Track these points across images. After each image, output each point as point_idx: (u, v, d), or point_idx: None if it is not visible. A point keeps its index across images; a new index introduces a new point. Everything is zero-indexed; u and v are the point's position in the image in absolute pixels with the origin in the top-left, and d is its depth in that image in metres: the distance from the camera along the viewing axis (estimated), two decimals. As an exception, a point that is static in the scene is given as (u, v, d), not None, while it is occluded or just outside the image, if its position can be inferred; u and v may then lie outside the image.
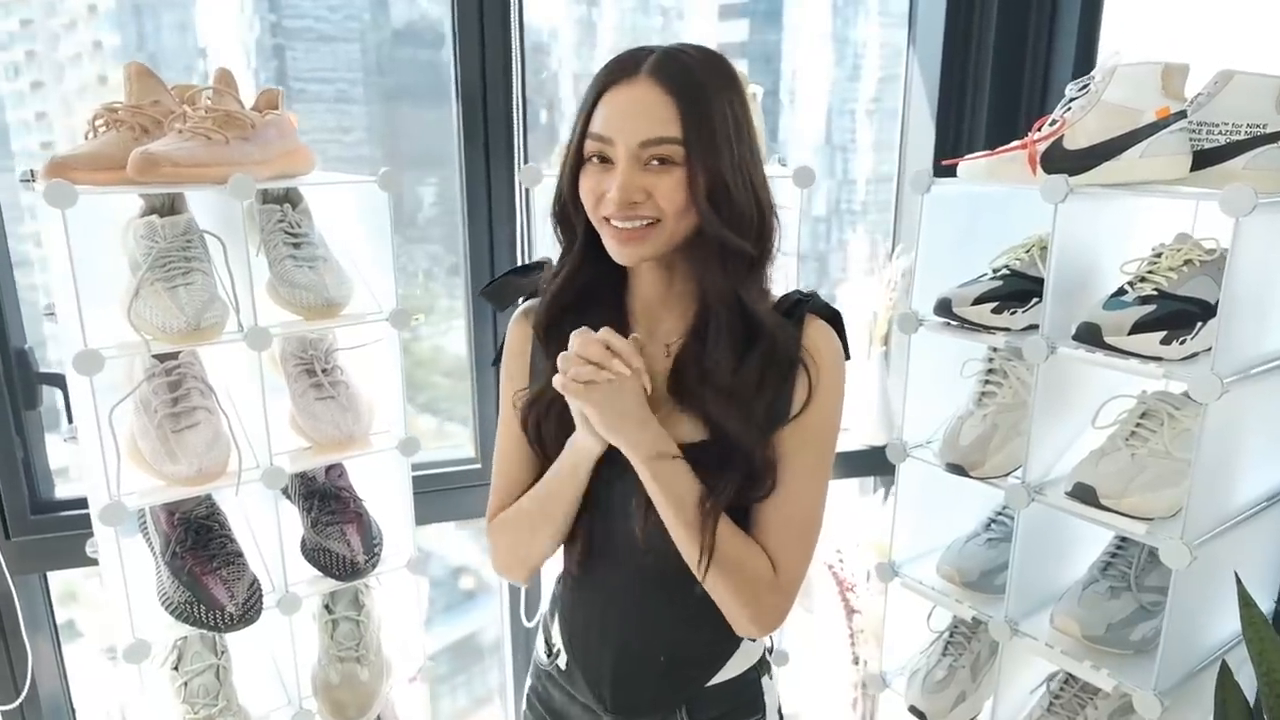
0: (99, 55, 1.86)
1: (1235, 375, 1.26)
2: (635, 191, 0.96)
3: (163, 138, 1.41)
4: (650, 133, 0.95)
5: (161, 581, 1.50)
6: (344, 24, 1.94)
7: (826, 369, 1.04)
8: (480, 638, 2.62)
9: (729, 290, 1.00)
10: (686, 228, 0.99)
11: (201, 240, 1.46)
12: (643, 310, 1.09)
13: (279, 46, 1.90)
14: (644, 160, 0.97)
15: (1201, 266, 1.38)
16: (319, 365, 1.61)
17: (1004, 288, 1.50)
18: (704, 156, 0.95)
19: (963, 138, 2.12)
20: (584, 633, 1.17)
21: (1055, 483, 1.49)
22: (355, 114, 2.01)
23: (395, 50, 2.00)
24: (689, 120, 0.95)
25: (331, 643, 1.66)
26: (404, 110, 2.08)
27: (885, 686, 1.78)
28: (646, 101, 0.96)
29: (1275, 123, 1.35)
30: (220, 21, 1.88)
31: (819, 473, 1.06)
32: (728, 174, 0.96)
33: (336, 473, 1.70)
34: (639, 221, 0.97)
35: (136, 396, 1.47)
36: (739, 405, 1.00)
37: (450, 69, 1.87)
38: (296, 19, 1.90)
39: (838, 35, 2.38)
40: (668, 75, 0.96)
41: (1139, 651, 1.45)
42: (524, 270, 1.19)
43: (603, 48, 2.21)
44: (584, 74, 2.17)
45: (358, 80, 1.99)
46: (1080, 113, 1.41)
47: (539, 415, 1.08)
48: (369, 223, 1.60)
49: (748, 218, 0.99)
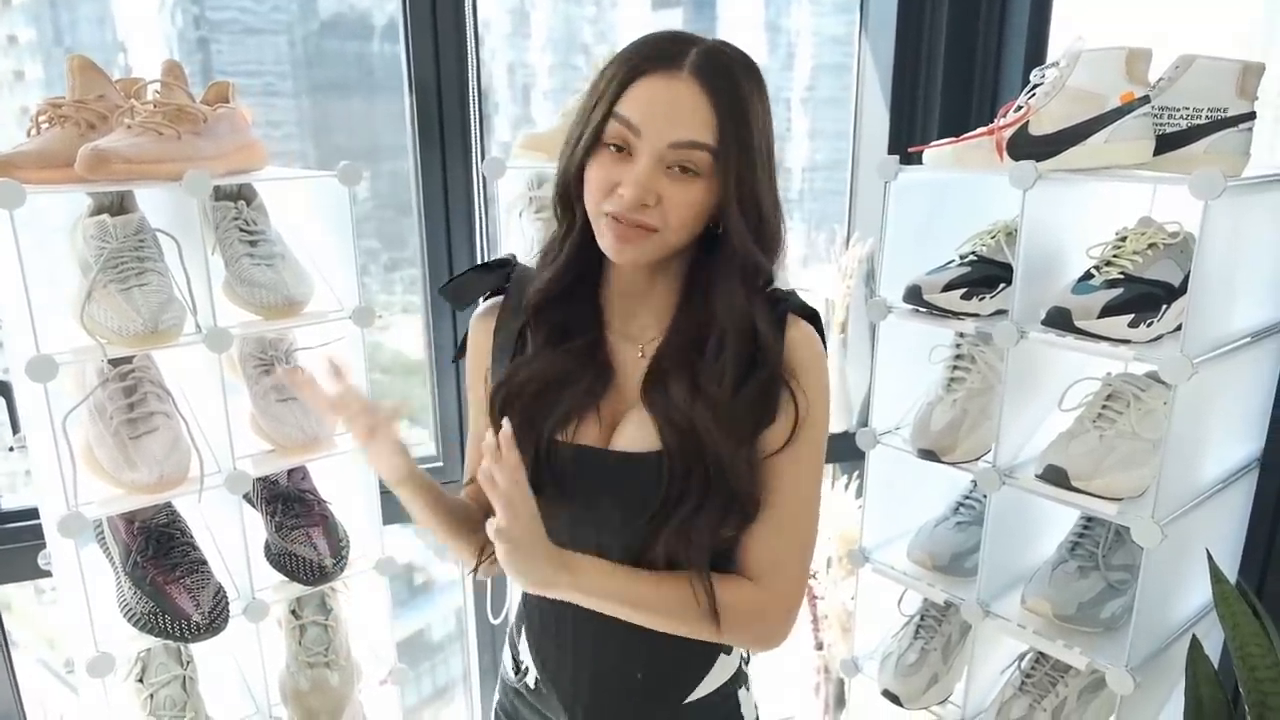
0: (14, 50, 1.79)
1: (1204, 356, 1.28)
2: (649, 194, 0.91)
3: (110, 133, 1.36)
4: (684, 134, 0.90)
5: (123, 593, 1.45)
6: (270, 16, 1.89)
7: (814, 375, 1.00)
8: (429, 634, 2.60)
9: (746, 311, 0.97)
10: (683, 240, 0.95)
11: (154, 239, 1.41)
12: (619, 303, 1.05)
13: (203, 39, 1.85)
14: (667, 163, 0.91)
15: (1165, 249, 1.40)
16: (280, 365, 1.57)
17: (972, 274, 1.51)
18: (740, 170, 0.92)
19: (916, 125, 2.14)
20: (556, 651, 1.12)
21: (1024, 465, 1.51)
22: (284, 108, 1.97)
23: (324, 42, 1.96)
24: (726, 130, 0.90)
25: (300, 648, 1.62)
26: (334, 103, 2.04)
27: (858, 671, 1.79)
28: (686, 100, 0.90)
29: (1235, 106, 1.36)
30: (140, 14, 1.82)
31: (811, 480, 1.02)
32: (761, 188, 0.93)
33: (299, 475, 1.66)
34: (640, 221, 0.93)
35: (90, 403, 1.42)
36: (729, 422, 0.96)
37: (402, 62, 1.83)
38: (220, 10, 1.85)
39: (771, 24, 2.38)
40: (711, 77, 0.91)
41: (1108, 629, 1.48)
42: (486, 268, 1.14)
43: (536, 38, 2.19)
44: (518, 64, 2.15)
45: (286, 73, 1.95)
46: (1045, 99, 1.42)
47: (505, 400, 1.03)
48: (328, 218, 1.56)
49: (774, 234, 0.97)
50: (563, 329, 1.04)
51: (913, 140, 2.09)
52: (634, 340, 1.05)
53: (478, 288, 1.13)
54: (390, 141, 1.96)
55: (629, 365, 1.04)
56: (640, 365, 1.03)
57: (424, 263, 1.91)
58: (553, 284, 1.02)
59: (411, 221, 1.93)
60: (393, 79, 1.88)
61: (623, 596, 0.98)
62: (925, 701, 1.67)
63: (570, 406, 1.01)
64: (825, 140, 2.42)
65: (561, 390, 1.02)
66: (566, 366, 1.02)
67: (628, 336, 1.05)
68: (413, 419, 2.19)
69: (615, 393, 1.04)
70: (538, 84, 2.24)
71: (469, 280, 1.14)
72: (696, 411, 0.95)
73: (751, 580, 1.01)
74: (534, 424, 1.02)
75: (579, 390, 1.01)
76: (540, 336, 1.04)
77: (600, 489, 1.02)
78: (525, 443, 1.00)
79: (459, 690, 2.46)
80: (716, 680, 1.11)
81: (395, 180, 2.00)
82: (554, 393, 1.02)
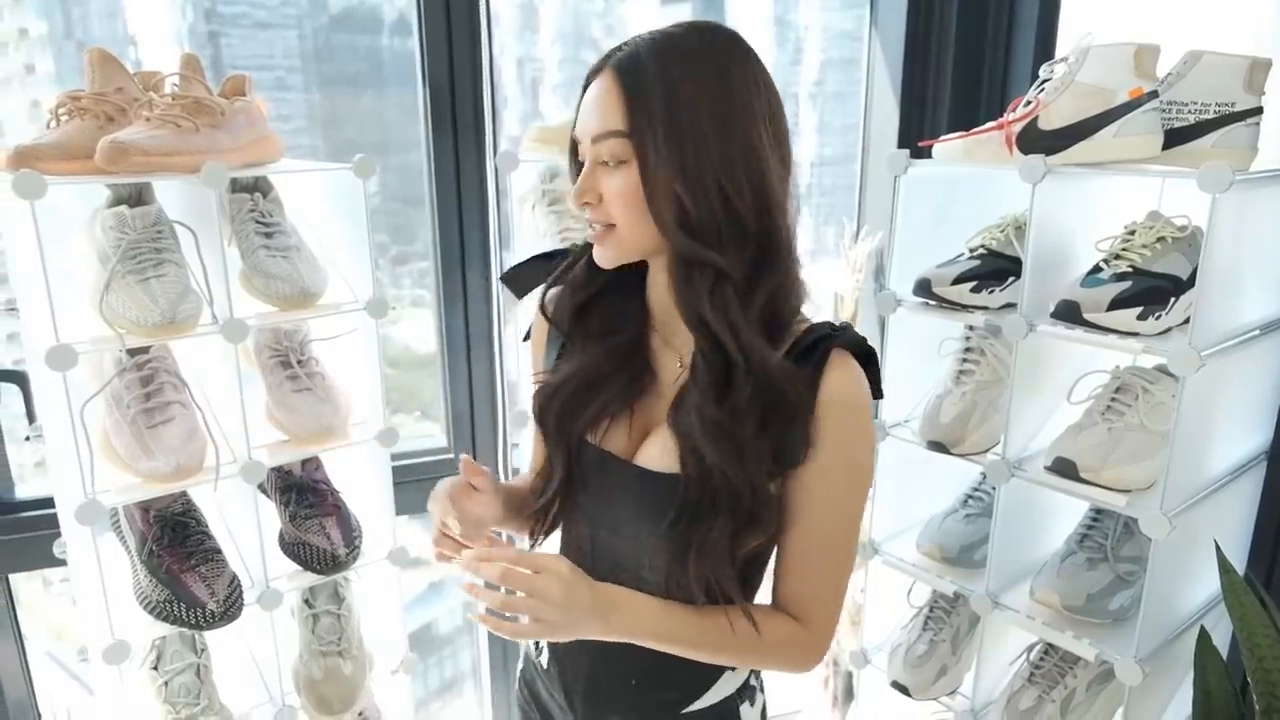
0: (25, 43, 1.81)
1: (1212, 348, 1.29)
2: (586, 193, 0.93)
3: (129, 126, 1.37)
4: (600, 126, 0.90)
5: (139, 581, 1.47)
6: (281, 10, 1.90)
7: (844, 406, 0.93)
8: (437, 628, 2.61)
9: (691, 310, 0.92)
10: (645, 233, 0.92)
11: (172, 231, 1.42)
12: (660, 312, 1.03)
13: (213, 33, 1.85)
14: (599, 159, 0.92)
15: (1174, 244, 1.41)
16: (294, 357, 1.58)
17: (982, 267, 1.52)
18: (655, 149, 0.87)
19: (926, 120, 2.15)
20: (574, 647, 1.11)
21: (1033, 458, 1.52)
22: (294, 102, 1.98)
23: (334, 36, 1.97)
24: (636, 112, 0.88)
25: (313, 637, 1.64)
26: (345, 97, 2.05)
27: (867, 663, 1.80)
28: (601, 94, 0.91)
29: (1243, 101, 1.37)
30: (151, 8, 1.83)
31: (840, 511, 0.98)
32: (689, 171, 0.87)
33: (313, 465, 1.67)
34: (598, 225, 0.95)
35: (108, 392, 1.43)
36: (729, 442, 0.91)
37: (416, 56, 1.84)
38: (231, 5, 1.86)
39: (779, 19, 2.39)
40: (625, 67, 0.89)
41: (1117, 620, 1.48)
42: (548, 257, 1.16)
43: (545, 32, 2.20)
44: (526, 58, 2.16)
45: (296, 68, 1.96)
46: (1054, 93, 1.43)
47: (544, 399, 1.04)
48: (342, 211, 1.57)
49: (712, 226, 0.89)
50: (607, 324, 1.03)
51: (922, 135, 2.10)
52: (675, 349, 1.03)
53: (537, 276, 1.15)
54: (400, 135, 1.97)
55: (668, 373, 1.03)
56: (679, 376, 1.00)
57: (436, 254, 1.92)
58: (569, 290, 1.04)
59: (420, 215, 1.95)
60: (402, 73, 1.89)
61: (670, 635, 0.98)
62: (934, 692, 1.68)
63: (601, 407, 1.01)
64: (833, 135, 2.43)
65: (597, 390, 1.02)
66: (604, 366, 1.02)
67: (670, 343, 1.03)
68: (424, 412, 2.21)
69: (651, 399, 1.03)
70: (546, 78, 2.25)
71: (529, 269, 1.17)
72: (719, 447, 0.91)
73: (791, 614, 1.01)
74: (569, 421, 1.02)
75: (612, 391, 1.01)
76: (582, 332, 1.04)
77: (620, 498, 1.02)
78: (560, 440, 1.03)
79: (468, 684, 2.47)
80: (720, 694, 1.10)
81: (404, 174, 2.01)
82: (589, 392, 1.02)
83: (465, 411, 1.99)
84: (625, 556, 1.04)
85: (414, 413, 2.27)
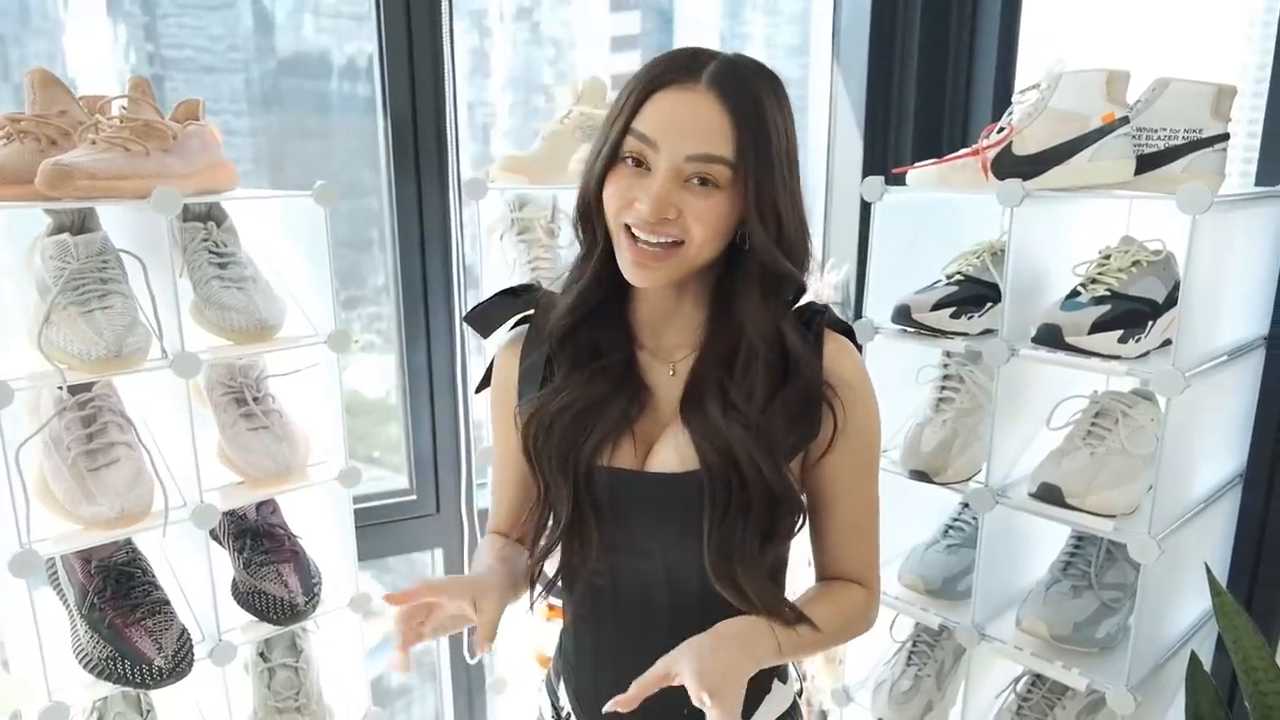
0: None
1: (1194, 370, 1.29)
2: (668, 207, 0.89)
3: (73, 149, 1.30)
4: (700, 148, 0.88)
5: (78, 637, 1.36)
6: (227, 54, 1.87)
7: (858, 387, 1.00)
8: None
9: (773, 323, 0.96)
10: (708, 255, 0.93)
11: (119, 260, 1.34)
12: (647, 327, 1.02)
13: (157, 76, 1.80)
14: (685, 176, 0.90)
15: (1149, 267, 1.41)
16: (250, 393, 1.50)
17: (960, 293, 1.51)
18: (760, 181, 0.90)
19: (890, 150, 2.16)
20: (594, 691, 1.06)
21: (1015, 485, 1.50)
22: (241, 145, 1.94)
23: (281, 80, 1.94)
24: (744, 142, 0.89)
25: (269, 693, 1.54)
26: (294, 140, 2.01)
27: (849, 701, 1.75)
28: (703, 114, 0.89)
29: (1210, 128, 1.39)
30: (92, 51, 1.78)
31: (870, 484, 1.05)
32: (781, 199, 0.91)
33: (269, 509, 1.58)
34: (664, 238, 0.91)
35: (46, 434, 1.33)
36: (765, 439, 0.94)
37: (377, 94, 1.80)
38: (176, 49, 1.82)
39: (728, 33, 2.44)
40: (728, 90, 0.89)
41: (1105, 648, 1.46)
42: (512, 293, 1.10)
43: (496, 76, 2.22)
44: (476, 102, 2.17)
45: (243, 111, 1.92)
46: (1028, 119, 1.43)
47: (539, 429, 0.99)
48: (301, 241, 1.50)
49: (799, 246, 0.95)
50: (591, 351, 1.00)
51: (886, 164, 2.11)
52: (664, 359, 1.02)
53: (503, 315, 1.10)
54: (349, 179, 1.95)
55: (661, 384, 1.01)
56: (672, 384, 1.01)
57: (397, 292, 1.86)
58: (578, 307, 0.99)
59: (369, 259, 1.90)
60: (352, 118, 1.86)
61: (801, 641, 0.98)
62: (918, 730, 1.64)
63: (606, 431, 0.98)
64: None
65: (597, 415, 0.98)
66: (600, 391, 0.99)
67: (658, 355, 1.03)
68: (369, 458, 2.12)
69: (649, 413, 1.01)
70: (497, 123, 2.27)
71: (494, 307, 1.10)
72: (732, 430, 0.94)
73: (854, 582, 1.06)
74: (572, 451, 0.98)
75: (614, 414, 0.99)
76: (568, 361, 1.00)
77: (638, 512, 0.99)
78: (564, 471, 0.99)
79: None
80: (772, 712, 1.08)
81: (354, 218, 1.98)
82: (589, 418, 0.98)
83: (427, 453, 1.92)
84: (652, 575, 1.01)
85: (365, 459, 2.19)
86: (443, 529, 1.94)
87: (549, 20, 2.28)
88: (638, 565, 1.02)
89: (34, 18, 1.77)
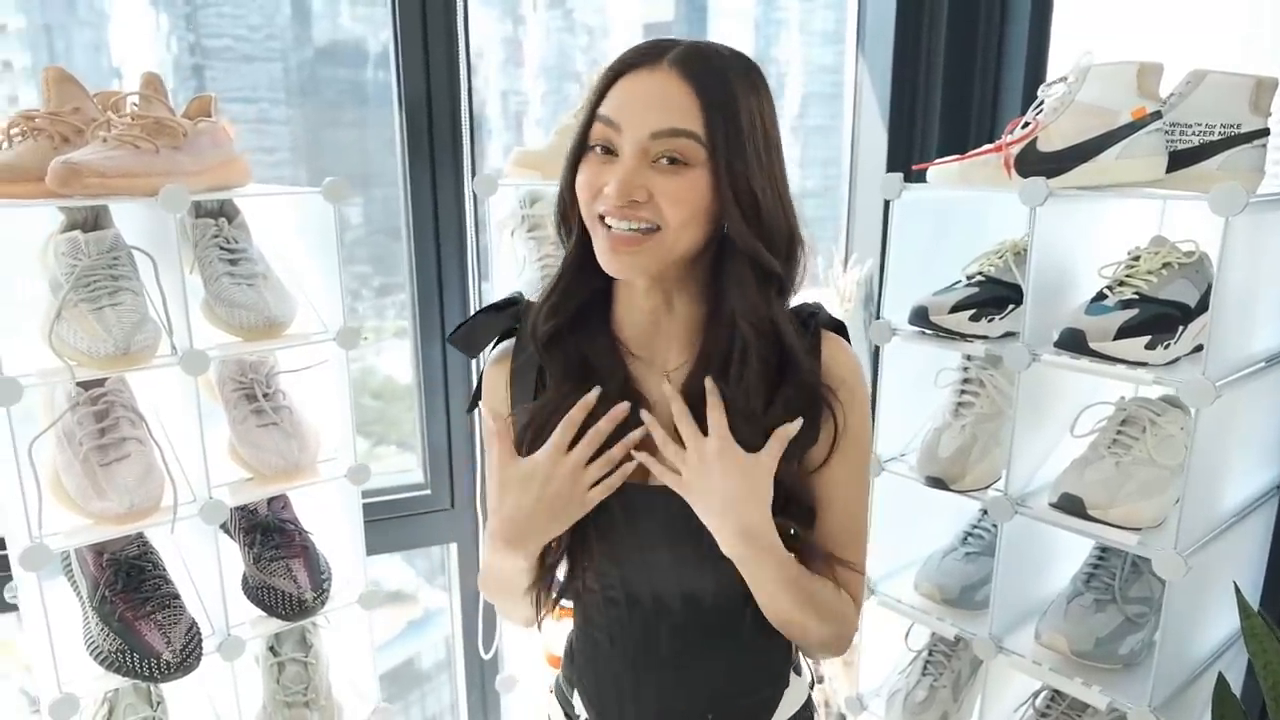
0: (9, 75, 1.79)
1: (1226, 379, 1.23)
2: (636, 189, 0.85)
3: (85, 146, 1.30)
4: (664, 123, 0.85)
5: (90, 629, 1.38)
6: (265, 44, 1.88)
7: (856, 388, 0.98)
8: (418, 663, 2.52)
9: (764, 314, 0.92)
10: (688, 243, 0.89)
11: (130, 257, 1.35)
12: (637, 330, 0.98)
13: (198, 66, 1.83)
14: (653, 156, 0.86)
15: (1180, 269, 1.35)
16: (260, 390, 1.50)
17: (980, 294, 1.46)
18: (730, 158, 0.86)
19: (915, 146, 2.10)
20: (616, 700, 1.04)
21: (1036, 494, 1.45)
22: (278, 134, 1.96)
23: (318, 69, 1.95)
24: (712, 116, 0.85)
25: (278, 687, 1.54)
26: (329, 129, 2.03)
27: (863, 709, 1.71)
28: (665, 90, 0.86)
29: (1249, 122, 1.33)
30: (136, 41, 1.81)
31: (862, 488, 1.03)
32: (756, 181, 0.87)
33: (279, 504, 1.59)
34: (637, 225, 0.87)
35: (59, 428, 1.35)
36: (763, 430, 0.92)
37: (392, 84, 1.79)
38: (215, 38, 1.84)
39: (760, 55, 2.38)
40: (692, 67, 0.86)
41: (1127, 665, 1.41)
42: (495, 309, 1.06)
43: (529, 66, 2.19)
44: (510, 91, 2.16)
45: (280, 100, 1.94)
46: (1054, 114, 1.38)
47: (535, 436, 0.96)
48: (312, 237, 1.50)
49: (781, 234, 0.91)
50: (582, 364, 0.97)
51: (910, 160, 2.05)
52: (658, 368, 0.98)
53: (487, 333, 1.06)
54: (384, 167, 1.94)
55: (658, 395, 0.98)
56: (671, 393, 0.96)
57: (413, 284, 1.85)
58: (560, 307, 0.96)
59: (403, 246, 1.89)
60: (386, 105, 1.85)
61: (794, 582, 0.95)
62: (934, 742, 1.60)
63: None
64: (815, 167, 2.44)
65: None
66: (596, 411, 0.95)
67: (651, 364, 0.99)
68: (401, 444, 2.14)
69: None
70: (530, 111, 2.25)
71: (478, 325, 1.06)
72: (737, 436, 0.91)
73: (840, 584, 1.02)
74: None
75: (615, 433, 0.95)
76: (559, 370, 0.97)
77: (645, 523, 0.97)
78: None
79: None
80: (790, 708, 1.06)
81: (388, 205, 1.98)
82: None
83: (442, 445, 1.91)
84: (663, 579, 0.99)
85: (394, 445, 2.21)
86: (457, 524, 1.93)
87: (582, 8, 2.26)
88: (650, 574, 0.99)
89: (80, 8, 1.81)
